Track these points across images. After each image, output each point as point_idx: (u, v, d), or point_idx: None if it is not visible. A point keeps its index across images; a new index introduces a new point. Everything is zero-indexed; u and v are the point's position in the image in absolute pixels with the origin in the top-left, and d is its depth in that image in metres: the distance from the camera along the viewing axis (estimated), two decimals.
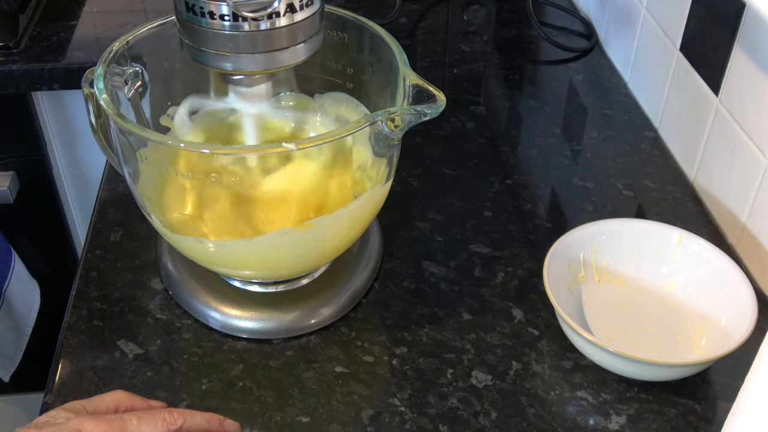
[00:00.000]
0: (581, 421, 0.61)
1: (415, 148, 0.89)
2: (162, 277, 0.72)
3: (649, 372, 0.61)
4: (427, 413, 0.61)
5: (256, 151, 0.60)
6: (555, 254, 0.66)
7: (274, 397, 0.62)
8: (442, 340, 0.67)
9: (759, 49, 0.71)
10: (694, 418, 0.61)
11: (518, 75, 1.05)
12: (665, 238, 0.69)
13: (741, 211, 0.75)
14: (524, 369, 0.64)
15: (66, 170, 1.13)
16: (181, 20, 0.58)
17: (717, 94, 0.79)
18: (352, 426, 0.60)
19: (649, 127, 0.94)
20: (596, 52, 1.09)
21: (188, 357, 0.65)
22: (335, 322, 0.68)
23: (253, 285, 0.69)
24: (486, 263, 0.74)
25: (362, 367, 0.64)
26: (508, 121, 0.95)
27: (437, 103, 0.57)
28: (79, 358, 0.65)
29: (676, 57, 0.87)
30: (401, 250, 0.76)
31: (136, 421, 0.49)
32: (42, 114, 1.07)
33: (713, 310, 0.65)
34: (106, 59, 0.62)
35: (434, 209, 0.80)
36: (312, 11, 0.58)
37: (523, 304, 0.70)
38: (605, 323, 0.67)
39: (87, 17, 1.11)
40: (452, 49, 1.10)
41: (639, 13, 0.97)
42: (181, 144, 0.57)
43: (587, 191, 0.83)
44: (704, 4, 0.81)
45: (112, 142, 0.64)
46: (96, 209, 0.80)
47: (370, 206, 0.64)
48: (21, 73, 0.99)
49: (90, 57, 1.01)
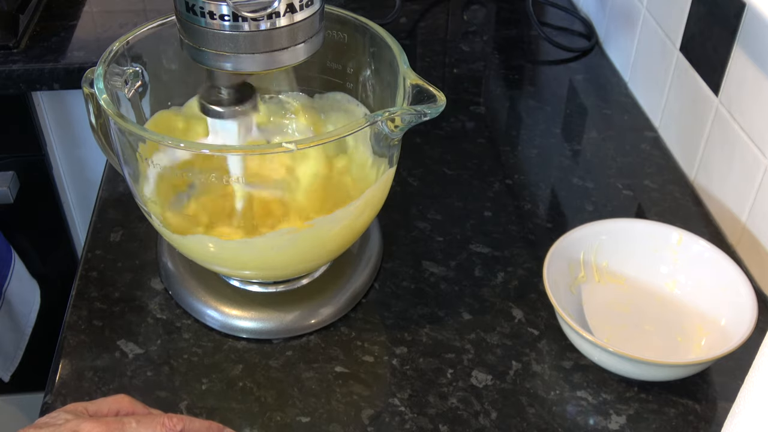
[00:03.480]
0: (581, 421, 0.61)
1: (415, 148, 0.89)
2: (162, 277, 0.72)
3: (649, 372, 0.61)
4: (427, 413, 0.61)
5: (256, 151, 0.60)
6: (555, 254, 0.66)
7: (274, 397, 0.62)
8: (442, 340, 0.67)
9: (759, 49, 0.71)
10: (694, 418, 0.61)
11: (518, 75, 1.05)
12: (665, 238, 0.69)
13: (741, 211, 0.75)
14: (524, 369, 0.64)
15: (66, 170, 1.13)
16: (180, 20, 0.58)
17: (717, 94, 0.79)
18: (352, 426, 0.60)
19: (649, 127, 0.94)
20: (596, 52, 1.09)
21: (188, 357, 0.65)
22: (335, 322, 0.68)
23: (253, 285, 0.69)
24: (486, 263, 0.74)
25: (362, 367, 0.64)
26: (508, 121, 0.95)
27: (437, 103, 0.57)
28: (79, 358, 0.65)
29: (676, 57, 0.87)
30: (401, 250, 0.76)
31: (135, 425, 0.49)
32: (42, 114, 1.07)
33: (713, 310, 0.65)
34: (106, 59, 0.62)
35: (434, 209, 0.81)
36: (312, 11, 0.58)
37: (523, 304, 0.70)
38: (605, 323, 0.67)
39: (87, 17, 1.11)
40: (452, 49, 1.10)
41: (639, 13, 0.97)
42: (181, 144, 0.57)
43: (587, 191, 0.83)
44: (704, 4, 0.81)
45: (112, 142, 0.64)
46: (96, 209, 0.80)
47: (370, 206, 0.64)
48: (21, 73, 0.99)
49: (90, 57, 1.01)
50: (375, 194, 0.63)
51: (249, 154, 0.60)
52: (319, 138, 0.58)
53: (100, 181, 0.84)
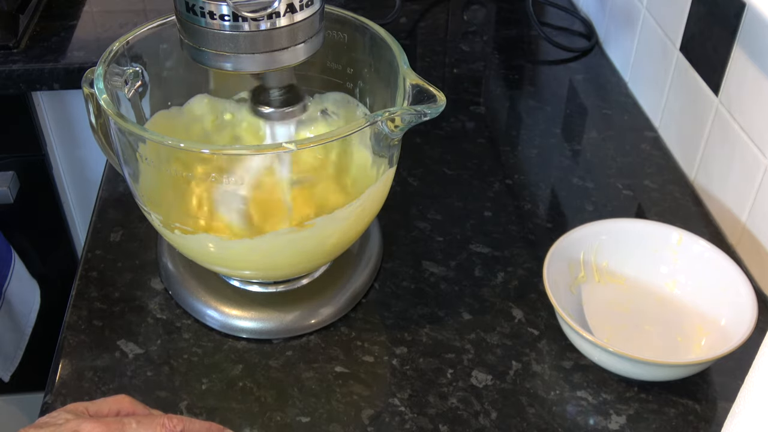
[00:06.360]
0: (581, 421, 0.61)
1: (415, 148, 0.89)
2: (162, 277, 0.72)
3: (649, 372, 0.61)
4: (427, 413, 0.61)
5: (256, 151, 0.60)
6: (555, 254, 0.66)
7: (274, 397, 0.62)
8: (442, 340, 0.67)
9: (759, 49, 0.71)
10: (694, 418, 0.61)
11: (518, 75, 1.05)
12: (665, 238, 0.69)
13: (741, 211, 0.75)
14: (524, 369, 0.64)
15: (66, 170, 1.13)
16: (180, 20, 0.58)
17: (717, 93, 0.79)
18: (352, 426, 0.60)
19: (649, 127, 0.94)
20: (596, 52, 1.09)
21: (188, 357, 0.65)
22: (335, 322, 0.68)
23: (253, 285, 0.69)
24: (486, 263, 0.74)
25: (362, 367, 0.64)
26: (508, 121, 0.95)
27: (437, 103, 0.57)
28: (79, 358, 0.65)
29: (676, 57, 0.87)
30: (401, 250, 0.76)
31: (135, 425, 0.49)
32: (42, 114, 1.07)
33: (713, 310, 0.65)
34: (106, 59, 0.62)
35: (434, 209, 0.81)
36: (312, 11, 0.58)
37: (523, 304, 0.70)
38: (605, 323, 0.67)
39: (87, 17, 1.11)
40: (452, 49, 1.10)
41: (639, 13, 0.97)
42: (181, 144, 0.57)
43: (587, 191, 0.83)
44: (704, 4, 0.81)
45: (112, 142, 0.64)
46: (96, 209, 0.80)
47: (370, 206, 0.64)
48: (21, 73, 0.99)
49: (90, 57, 1.01)
50: (375, 194, 0.63)
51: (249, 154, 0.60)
52: (319, 138, 0.58)
53: (100, 181, 0.84)
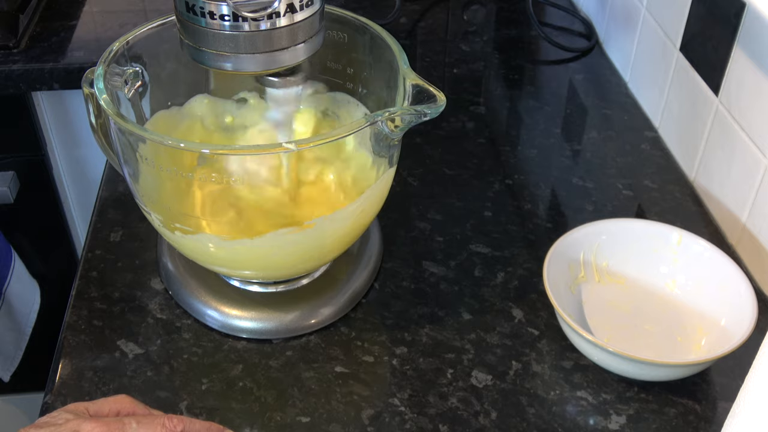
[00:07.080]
0: (581, 421, 0.61)
1: (415, 148, 0.89)
2: (162, 277, 0.72)
3: (649, 372, 0.61)
4: (427, 413, 0.61)
5: (256, 151, 0.60)
6: (555, 254, 0.66)
7: (274, 397, 0.62)
8: (442, 340, 0.67)
9: (759, 49, 0.71)
10: (694, 418, 0.61)
11: (518, 75, 1.05)
12: (665, 238, 0.69)
13: (741, 211, 0.75)
14: (524, 369, 0.64)
15: (66, 170, 1.13)
16: (180, 20, 0.58)
17: (717, 94, 0.79)
18: (352, 426, 0.60)
19: (649, 127, 0.94)
20: (596, 52, 1.09)
21: (188, 357, 0.65)
22: (335, 322, 0.68)
23: (253, 285, 0.69)
24: (486, 263, 0.74)
25: (362, 367, 0.64)
26: (508, 121, 0.95)
27: (437, 103, 0.57)
28: (79, 358, 0.65)
29: (676, 57, 0.87)
30: (401, 250, 0.76)
31: (135, 425, 0.49)
32: (42, 114, 1.07)
33: (713, 310, 0.65)
34: (106, 59, 0.62)
35: (434, 209, 0.81)
36: (312, 11, 0.58)
37: (523, 304, 0.70)
38: (605, 323, 0.67)
39: (87, 17, 1.11)
40: (452, 49, 1.10)
41: (639, 13, 0.97)
42: (181, 144, 0.57)
43: (587, 191, 0.83)
44: (704, 4, 0.81)
45: (112, 142, 0.64)
46: (96, 209, 0.80)
47: (370, 206, 0.64)
48: (21, 73, 0.99)
49: (90, 57, 1.01)
50: (375, 194, 0.63)
51: (249, 154, 0.60)
52: (319, 138, 0.58)
53: (100, 181, 0.84)
